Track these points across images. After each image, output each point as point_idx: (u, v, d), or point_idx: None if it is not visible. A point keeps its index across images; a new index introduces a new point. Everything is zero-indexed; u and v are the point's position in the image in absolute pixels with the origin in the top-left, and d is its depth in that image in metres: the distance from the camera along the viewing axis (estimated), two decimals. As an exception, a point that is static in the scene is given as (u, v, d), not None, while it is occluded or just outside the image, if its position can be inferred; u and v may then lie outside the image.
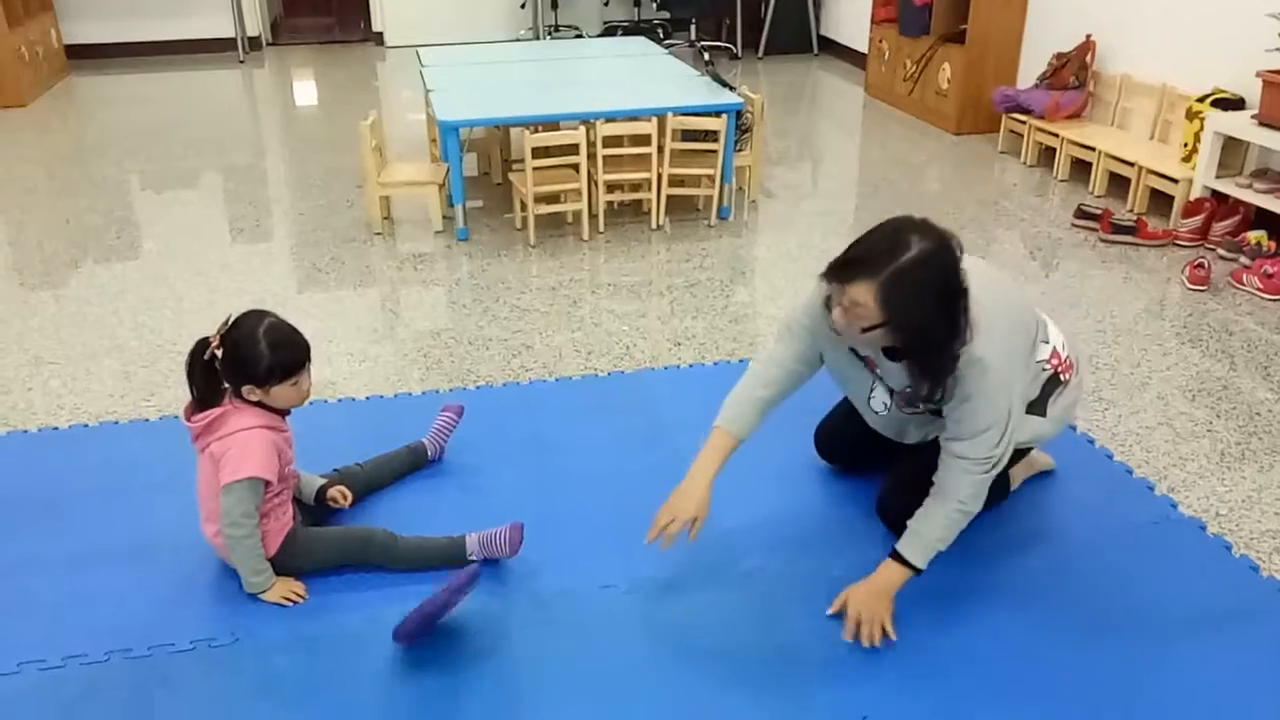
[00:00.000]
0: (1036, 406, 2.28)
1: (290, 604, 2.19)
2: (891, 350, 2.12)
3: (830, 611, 2.18)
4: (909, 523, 2.15)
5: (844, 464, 2.71)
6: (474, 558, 2.30)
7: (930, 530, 2.12)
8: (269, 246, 4.46)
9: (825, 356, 2.32)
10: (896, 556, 2.14)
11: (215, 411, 2.14)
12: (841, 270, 1.94)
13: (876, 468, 2.58)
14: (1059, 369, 2.29)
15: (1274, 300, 3.82)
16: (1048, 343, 2.27)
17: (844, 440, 2.66)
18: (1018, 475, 2.58)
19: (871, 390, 2.32)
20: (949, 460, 2.10)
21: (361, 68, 8.29)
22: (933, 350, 1.96)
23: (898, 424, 2.36)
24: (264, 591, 2.19)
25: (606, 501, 2.58)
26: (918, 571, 2.13)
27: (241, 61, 8.34)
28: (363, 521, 2.43)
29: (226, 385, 2.18)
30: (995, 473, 2.10)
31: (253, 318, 2.15)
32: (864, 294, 1.90)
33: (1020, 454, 2.44)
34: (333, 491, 2.43)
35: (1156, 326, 3.64)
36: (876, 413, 2.35)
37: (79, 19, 8.15)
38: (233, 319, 2.15)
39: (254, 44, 8.66)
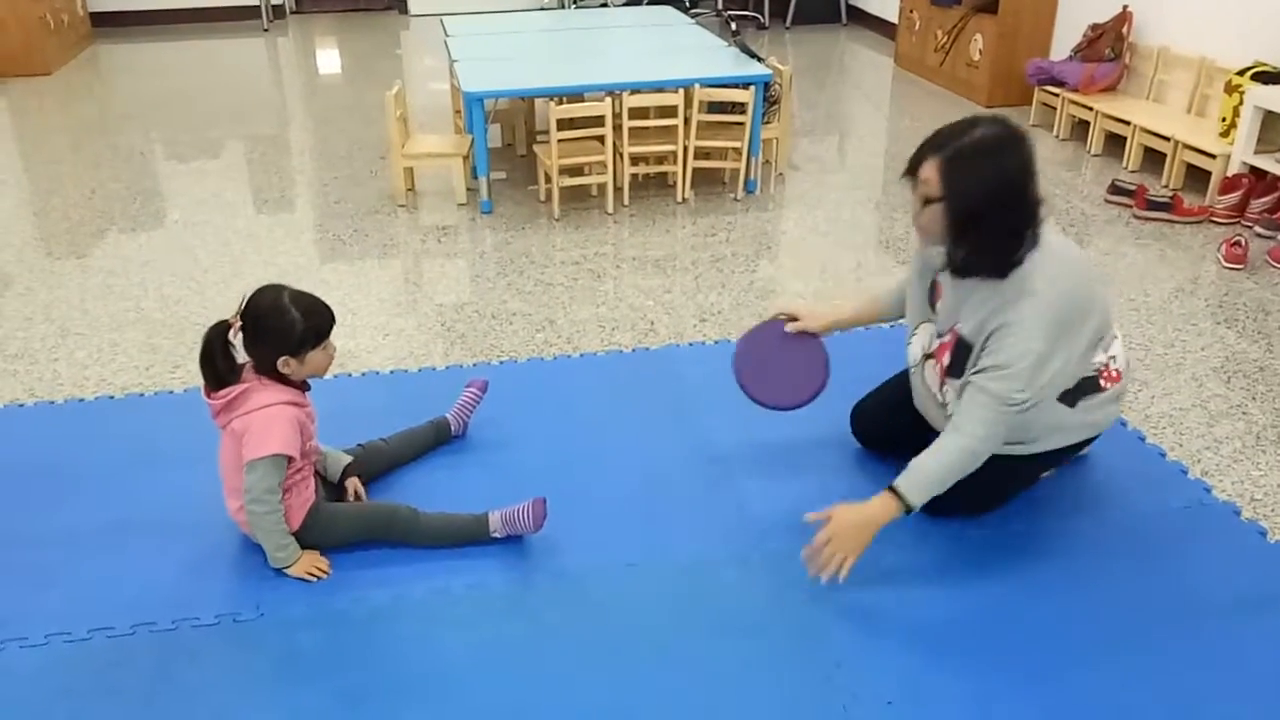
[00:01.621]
0: (1067, 397, 2.25)
1: (314, 579, 2.20)
2: (956, 260, 2.10)
3: (809, 518, 2.13)
4: (913, 460, 2.14)
5: (875, 443, 2.68)
6: (497, 535, 2.29)
7: (933, 465, 2.11)
8: (293, 218, 4.45)
9: (908, 288, 2.41)
10: (892, 491, 2.11)
11: (238, 388, 2.13)
12: (914, 157, 2.09)
13: (905, 452, 2.53)
14: (1102, 374, 2.26)
15: (1313, 280, 3.74)
16: (1109, 353, 2.26)
17: (877, 420, 2.65)
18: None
19: (913, 335, 2.35)
20: (970, 392, 2.11)
21: (385, 36, 8.24)
22: (985, 235, 2.03)
23: (920, 387, 2.37)
24: (288, 566, 2.20)
25: (630, 479, 2.57)
26: (909, 510, 2.10)
27: (265, 30, 8.31)
28: (386, 497, 2.43)
29: (250, 362, 2.17)
30: (1011, 416, 2.09)
31: (270, 292, 2.14)
32: (930, 170, 2.04)
33: (1046, 462, 2.39)
34: (349, 495, 2.40)
35: (1191, 306, 3.57)
36: (909, 364, 2.38)
37: (104, -14, 8.15)
38: (247, 298, 2.14)
39: (278, 12, 8.62)
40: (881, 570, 2.27)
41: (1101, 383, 2.26)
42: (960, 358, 2.19)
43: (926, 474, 2.12)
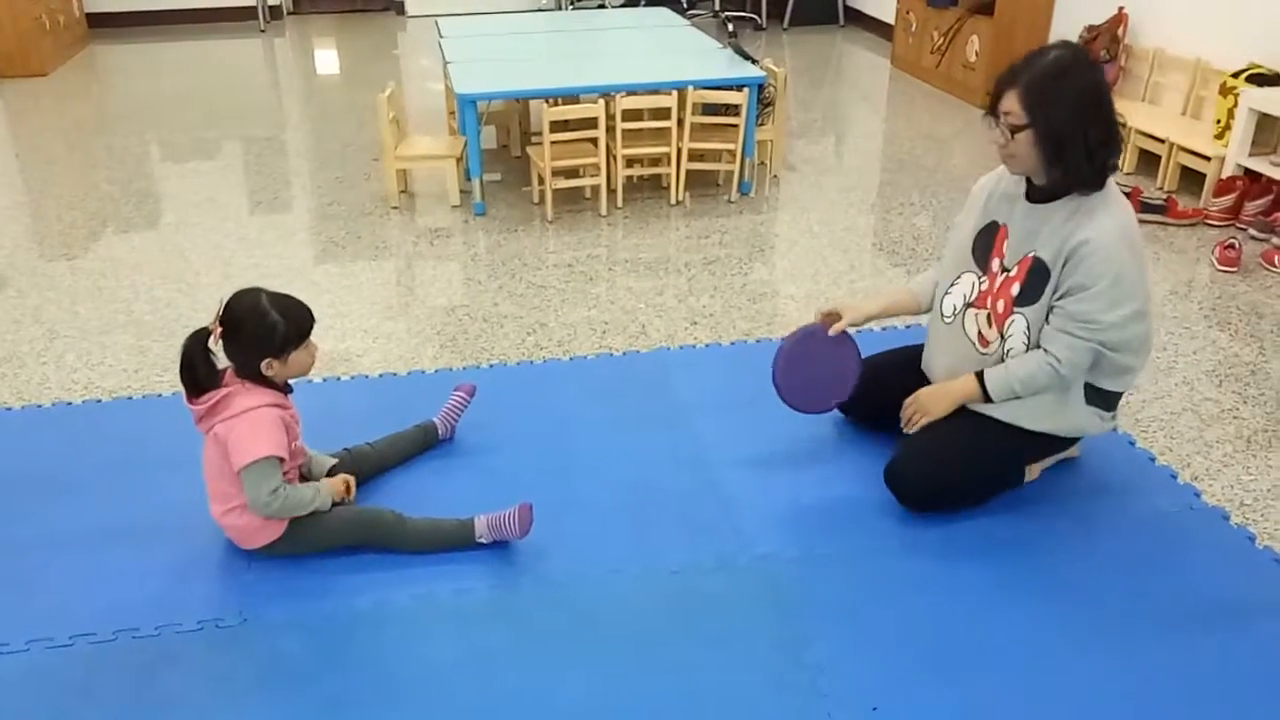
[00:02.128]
0: (1091, 394, 2.34)
1: (347, 493, 2.32)
2: (1052, 181, 2.21)
3: (905, 413, 2.42)
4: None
5: (863, 415, 2.73)
6: (483, 540, 2.28)
7: (1017, 368, 2.26)
8: (285, 219, 4.45)
9: (947, 249, 2.51)
10: (979, 376, 2.30)
11: (219, 393, 2.12)
12: (993, 94, 2.19)
13: (891, 427, 2.54)
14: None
15: (1307, 283, 3.73)
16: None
17: (867, 390, 2.66)
18: (1036, 466, 2.53)
19: (951, 287, 2.44)
20: (1054, 318, 2.22)
21: (382, 37, 8.23)
22: (1077, 150, 2.12)
23: (952, 342, 2.42)
24: (329, 505, 2.25)
25: (619, 483, 2.56)
26: (988, 398, 2.30)
27: (262, 31, 8.31)
28: (372, 502, 2.42)
29: (232, 366, 2.17)
30: (1096, 344, 2.18)
31: (248, 296, 2.15)
32: (1011, 102, 2.14)
33: (1028, 448, 2.42)
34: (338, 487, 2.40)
35: (1184, 308, 3.56)
36: (944, 317, 2.44)
37: (100, -13, 8.15)
38: (225, 302, 2.13)
39: (275, 13, 8.62)
40: (868, 574, 2.26)
41: (1116, 405, 2.41)
42: (1037, 283, 2.25)
43: (1009, 370, 2.27)
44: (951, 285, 2.46)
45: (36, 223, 4.41)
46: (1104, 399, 2.36)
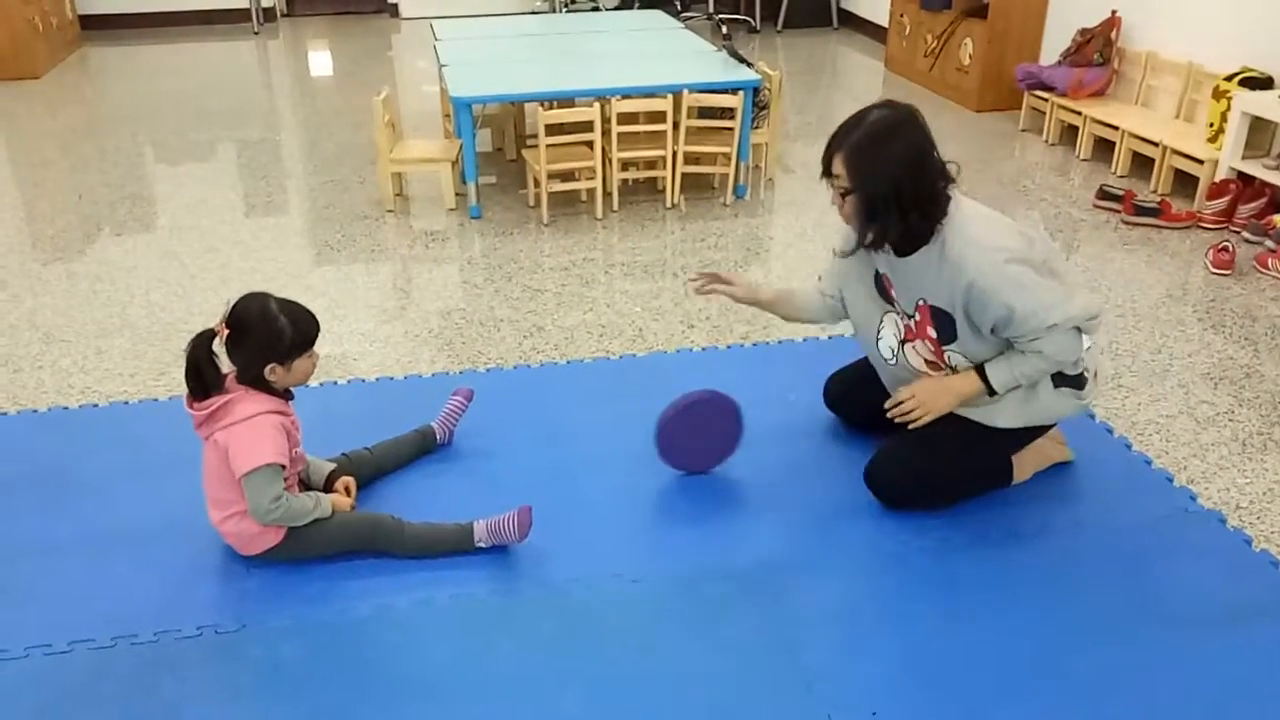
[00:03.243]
0: (1059, 378, 2.33)
1: (349, 501, 2.34)
2: (888, 241, 2.22)
3: (896, 399, 2.37)
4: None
5: (848, 413, 2.75)
6: (482, 545, 2.28)
7: (1018, 363, 2.24)
8: (281, 223, 4.44)
9: (846, 295, 2.50)
10: (980, 370, 2.27)
11: (221, 399, 2.12)
12: (825, 156, 2.20)
13: (878, 426, 2.55)
14: (1085, 372, 2.38)
15: (1300, 286, 3.75)
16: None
17: (851, 388, 2.71)
18: (1028, 467, 2.54)
19: (880, 331, 2.42)
20: (1019, 346, 2.22)
21: (376, 40, 8.22)
22: (901, 210, 2.13)
23: (905, 376, 2.41)
24: (329, 514, 2.25)
25: (617, 488, 2.56)
26: (991, 391, 2.27)
27: (256, 33, 8.29)
28: (370, 507, 2.42)
29: (235, 371, 2.16)
30: (1072, 327, 2.18)
31: (255, 300, 2.14)
32: (839, 165, 2.16)
33: (1007, 441, 2.43)
34: (339, 492, 2.39)
35: (1179, 311, 3.58)
36: (886, 360, 2.43)
37: (93, -11, 8.12)
38: (233, 305, 2.13)
39: (269, 15, 8.60)
40: (865, 578, 2.27)
41: (1087, 377, 2.38)
42: (947, 324, 2.26)
43: (1010, 367, 2.25)
44: (879, 330, 2.44)
45: (30, 226, 4.39)
46: (1073, 379, 2.35)
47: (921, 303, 2.28)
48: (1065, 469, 2.62)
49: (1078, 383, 2.36)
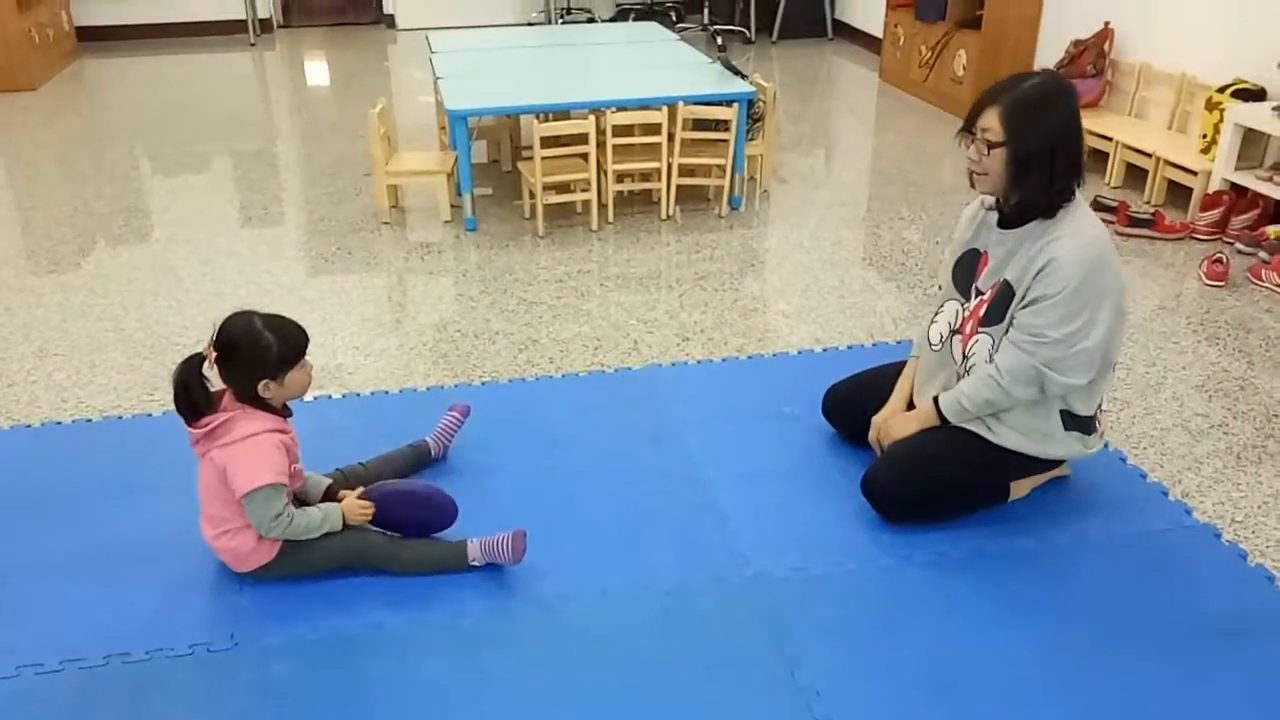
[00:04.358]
0: (1068, 419, 2.37)
1: (365, 515, 2.27)
2: (1007, 211, 2.31)
3: (871, 435, 2.57)
4: None
5: (845, 425, 2.76)
6: (476, 563, 2.27)
7: (964, 385, 2.36)
8: (276, 235, 4.44)
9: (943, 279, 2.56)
10: (935, 401, 2.42)
11: (219, 417, 2.11)
12: (972, 111, 2.25)
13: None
14: (1097, 418, 2.45)
15: (1294, 297, 3.75)
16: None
17: (849, 400, 2.74)
18: (1025, 484, 2.55)
19: (937, 315, 2.51)
20: (1010, 332, 2.29)
21: (373, 51, 8.23)
22: (1044, 174, 2.19)
23: (938, 365, 2.48)
24: (340, 526, 2.24)
25: (612, 502, 2.56)
26: (944, 419, 2.40)
27: (252, 44, 8.30)
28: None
29: (229, 389, 2.16)
30: (1039, 361, 2.23)
31: (241, 318, 2.14)
32: (991, 119, 2.20)
33: (1009, 466, 2.45)
34: (353, 504, 2.33)
35: (1173, 323, 3.58)
36: (931, 344, 2.49)
37: (91, 1, 8.12)
38: (219, 327, 2.13)
39: (265, 26, 8.61)
40: (861, 593, 2.27)
41: (1097, 425, 2.44)
42: (1002, 303, 2.31)
43: (959, 390, 2.37)
44: (936, 314, 2.52)
45: (25, 239, 4.39)
46: (1080, 423, 2.39)
47: (999, 279, 2.33)
48: (1062, 483, 2.62)
49: (1085, 427, 2.40)
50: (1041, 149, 2.18)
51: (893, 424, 2.51)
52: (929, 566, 2.33)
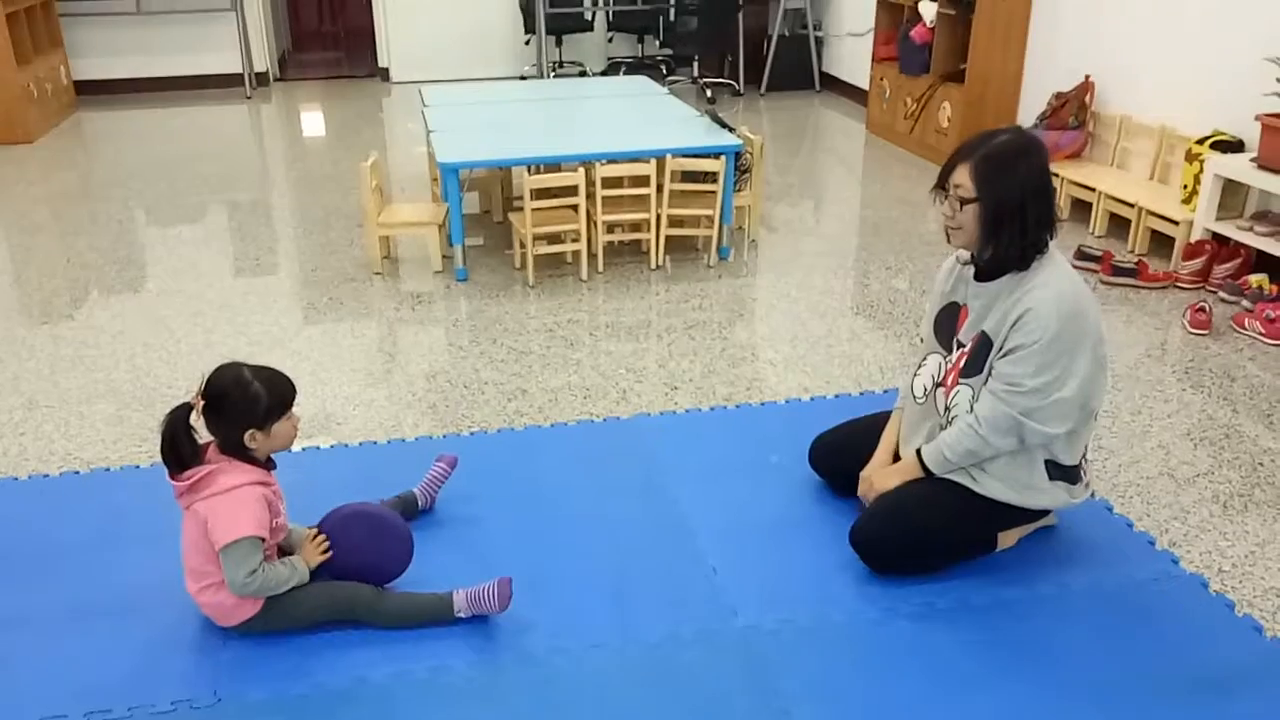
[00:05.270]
0: (1054, 469, 2.38)
1: (325, 553, 2.27)
2: (981, 265, 2.35)
3: (860, 489, 2.57)
4: None
5: (832, 475, 2.77)
6: (462, 615, 2.26)
7: (945, 435, 2.38)
8: (268, 285, 4.46)
9: (925, 331, 2.58)
10: (918, 453, 2.44)
11: (203, 469, 2.12)
12: (944, 168, 2.31)
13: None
14: (1082, 467, 2.46)
15: (1276, 345, 3.78)
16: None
17: (836, 450, 2.75)
18: (1012, 534, 2.55)
19: (920, 367, 2.53)
20: (989, 382, 2.32)
21: (367, 104, 8.34)
22: (1017, 228, 2.23)
23: (921, 417, 2.49)
24: (307, 579, 2.23)
25: (599, 554, 2.55)
26: (927, 471, 2.42)
27: (248, 97, 8.40)
28: (350, 575, 2.40)
29: (213, 442, 2.16)
30: (1017, 410, 2.25)
31: (229, 370, 2.15)
32: (962, 175, 2.26)
33: (996, 518, 2.46)
34: (305, 540, 2.31)
35: (1158, 371, 3.61)
36: (915, 396, 2.50)
37: (89, 55, 8.24)
38: (207, 378, 2.14)
39: (261, 79, 8.73)
40: (848, 645, 2.26)
41: (1082, 474, 2.45)
42: (981, 354, 2.34)
43: (941, 441, 2.39)
44: (919, 367, 2.54)
45: (18, 290, 4.41)
46: (1066, 473, 2.40)
47: (976, 333, 2.36)
48: (1048, 533, 2.62)
49: (1070, 476, 2.41)
50: (1012, 203, 2.22)
51: (876, 477, 2.53)
52: (916, 618, 2.32)
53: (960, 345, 2.41)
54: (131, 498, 2.81)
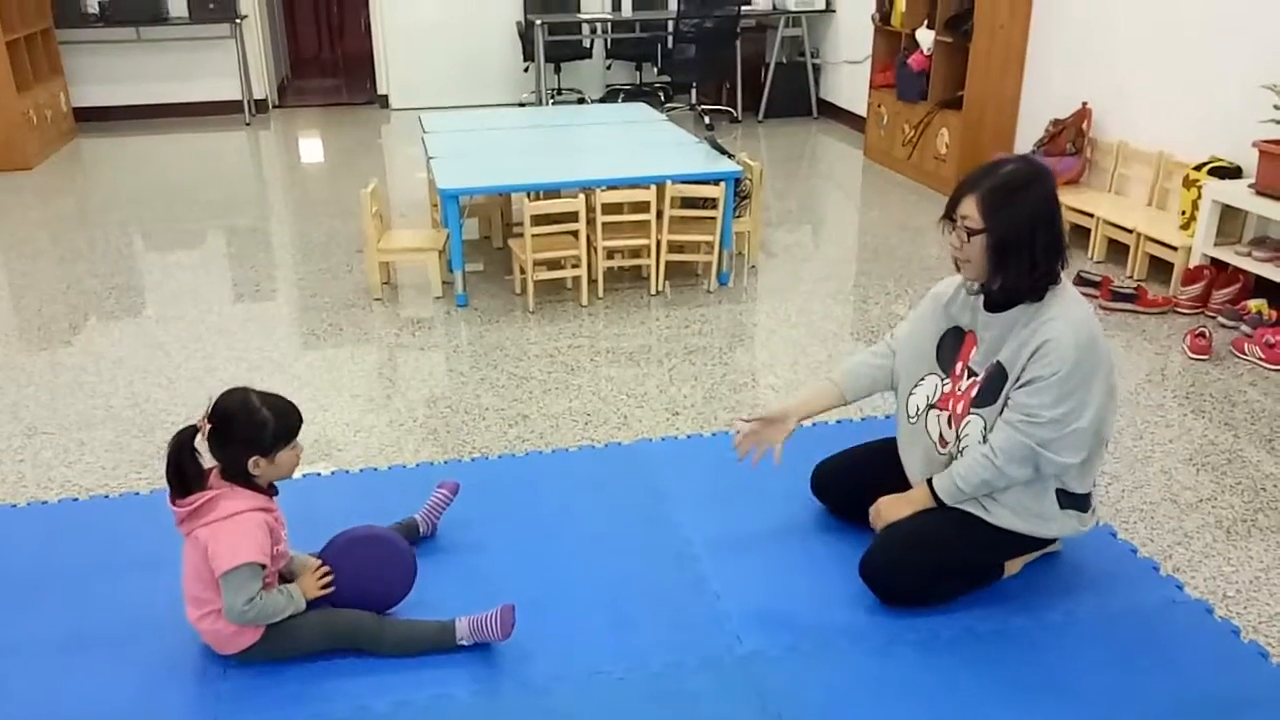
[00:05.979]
0: (1064, 498, 2.37)
1: (324, 586, 2.25)
2: (996, 289, 2.31)
3: (871, 518, 2.52)
4: None
5: (834, 501, 2.76)
6: (464, 642, 2.25)
7: (958, 466, 2.35)
8: (267, 312, 4.46)
9: (906, 346, 2.55)
10: (929, 482, 2.41)
11: (204, 495, 2.10)
12: (951, 199, 2.29)
13: (865, 515, 2.58)
14: (1092, 495, 2.46)
15: (1276, 370, 3.79)
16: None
17: (838, 476, 2.75)
18: (1018, 561, 2.54)
19: (915, 388, 2.50)
20: (1005, 412, 2.29)
21: (366, 130, 8.38)
22: (1025, 259, 2.21)
23: (918, 438, 2.47)
24: (304, 605, 2.21)
25: (602, 580, 2.54)
26: (939, 500, 2.38)
27: (248, 124, 8.45)
28: (351, 603, 2.38)
29: (218, 466, 2.15)
30: (1034, 441, 2.23)
31: (237, 394, 2.14)
32: (969, 206, 2.23)
33: (1003, 544, 2.44)
34: (305, 568, 2.31)
35: (1159, 396, 3.61)
36: (908, 417, 2.50)
37: (89, 82, 8.28)
38: (214, 401, 2.13)
39: (260, 106, 8.77)
40: (852, 672, 2.24)
41: (1092, 502, 2.44)
42: (995, 386, 2.31)
43: (954, 471, 2.35)
44: (915, 386, 2.52)
45: (17, 317, 4.40)
46: (1076, 501, 2.39)
47: (990, 365, 2.33)
48: (1053, 559, 2.61)
49: (1081, 505, 2.40)
50: (1020, 234, 2.20)
51: (885, 507, 2.49)
52: (920, 646, 2.31)
53: (972, 374, 2.39)
54: (130, 524, 2.79)
